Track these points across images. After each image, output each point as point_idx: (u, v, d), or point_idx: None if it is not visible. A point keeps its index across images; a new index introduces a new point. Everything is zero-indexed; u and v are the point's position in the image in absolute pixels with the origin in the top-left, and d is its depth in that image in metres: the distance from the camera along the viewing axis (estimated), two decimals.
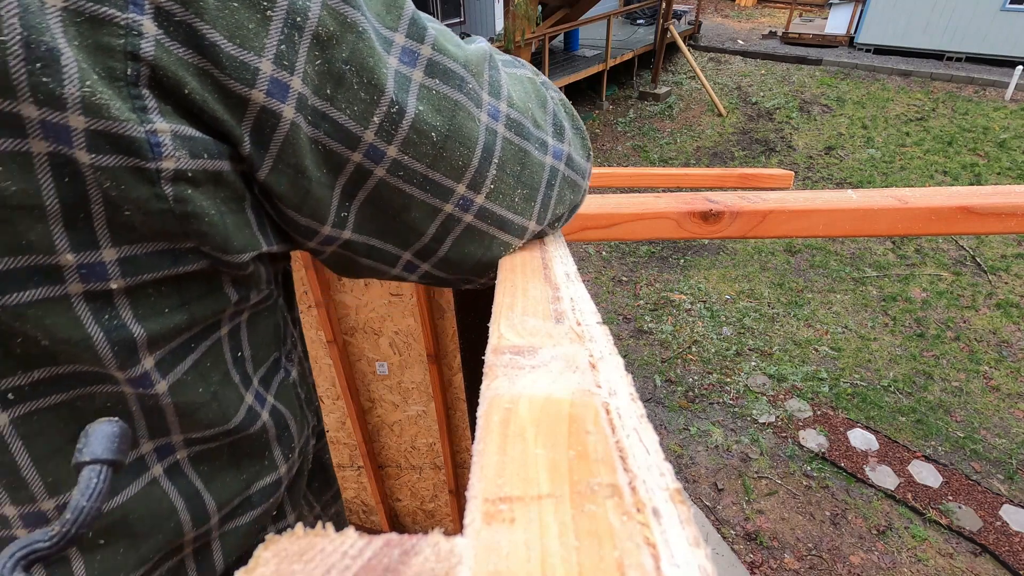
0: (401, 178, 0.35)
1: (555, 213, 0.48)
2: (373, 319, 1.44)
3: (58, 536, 0.21)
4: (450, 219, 0.39)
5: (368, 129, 0.33)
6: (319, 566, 0.16)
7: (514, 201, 0.42)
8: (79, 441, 0.23)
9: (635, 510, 0.17)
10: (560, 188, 0.47)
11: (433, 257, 0.42)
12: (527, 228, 0.45)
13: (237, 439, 0.39)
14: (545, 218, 0.47)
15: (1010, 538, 3.14)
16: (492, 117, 0.39)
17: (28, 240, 0.25)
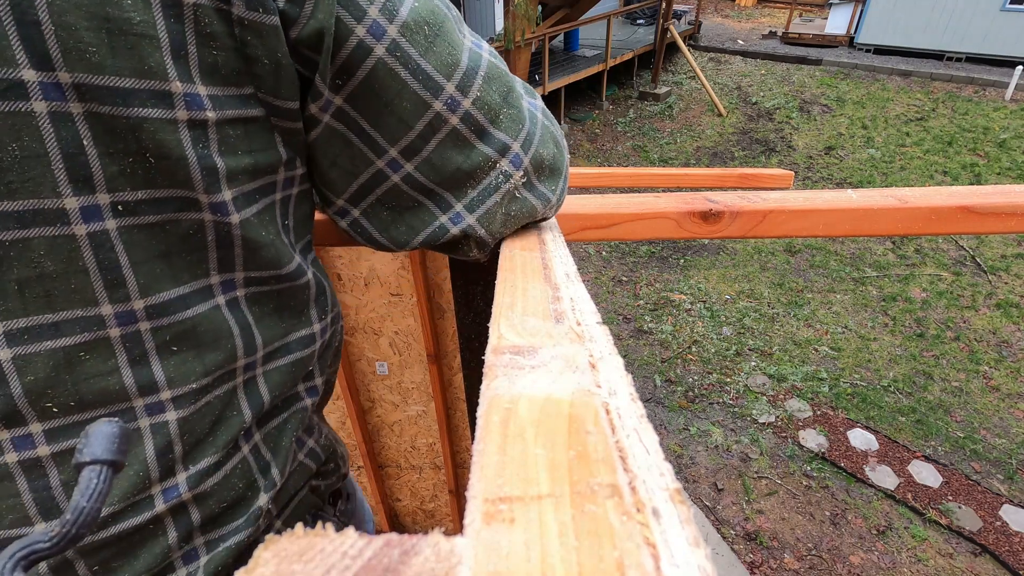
0: (398, 60, 0.39)
1: (539, 152, 0.48)
2: (373, 319, 1.44)
3: (58, 536, 0.21)
4: (437, 117, 0.42)
5: (373, 5, 0.38)
6: (319, 566, 0.16)
7: (499, 117, 0.44)
8: (79, 441, 0.23)
9: (635, 510, 0.17)
10: (543, 130, 0.49)
11: (417, 157, 0.43)
12: (509, 147, 0.45)
13: (285, 288, 0.45)
14: (530, 148, 0.47)
15: (1010, 538, 3.14)
16: (476, 45, 0.44)
17: (149, 66, 0.31)
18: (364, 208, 0.47)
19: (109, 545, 0.39)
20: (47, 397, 0.35)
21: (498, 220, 0.48)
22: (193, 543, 0.43)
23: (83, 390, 0.35)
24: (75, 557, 0.38)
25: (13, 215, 0.31)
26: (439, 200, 0.46)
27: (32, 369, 0.34)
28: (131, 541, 0.39)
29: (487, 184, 0.46)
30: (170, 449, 0.39)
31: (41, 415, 0.35)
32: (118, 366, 0.36)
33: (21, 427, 0.35)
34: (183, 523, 0.41)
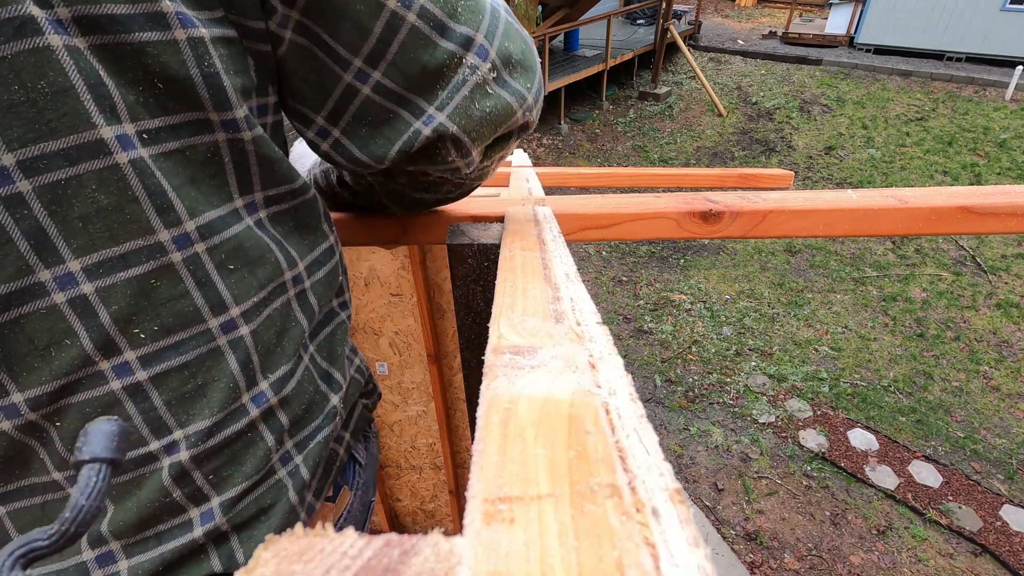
0: None
1: (505, 46, 0.46)
2: (373, 319, 1.44)
3: (57, 534, 0.21)
4: (394, 16, 0.41)
5: None
6: (319, 566, 0.16)
7: (457, 9, 0.43)
8: (79, 440, 0.23)
9: (635, 510, 0.17)
10: (507, 24, 0.47)
11: (382, 62, 0.43)
12: (473, 40, 0.44)
13: (300, 204, 0.48)
14: (494, 39, 0.46)
15: (1010, 538, 3.14)
16: None
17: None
18: (343, 127, 0.47)
19: (217, 453, 0.43)
20: (133, 324, 0.37)
21: (472, 118, 0.46)
22: (285, 446, 0.47)
23: (163, 314, 0.38)
24: (191, 467, 0.41)
25: (61, 154, 0.32)
26: (412, 107, 0.46)
27: (114, 299, 0.36)
28: (234, 449, 0.43)
29: (456, 81, 0.45)
30: (249, 360, 0.43)
31: (132, 342, 0.38)
32: (187, 289, 0.39)
33: (117, 356, 0.37)
34: (275, 427, 0.46)
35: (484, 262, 0.68)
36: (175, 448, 0.40)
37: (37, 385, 0.36)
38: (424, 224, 0.73)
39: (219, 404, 0.42)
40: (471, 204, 0.75)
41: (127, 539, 0.41)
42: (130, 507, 0.40)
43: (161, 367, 0.39)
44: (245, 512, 0.45)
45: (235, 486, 0.44)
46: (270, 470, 0.46)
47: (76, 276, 0.35)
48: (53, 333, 0.35)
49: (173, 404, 0.40)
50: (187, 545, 0.42)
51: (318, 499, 0.52)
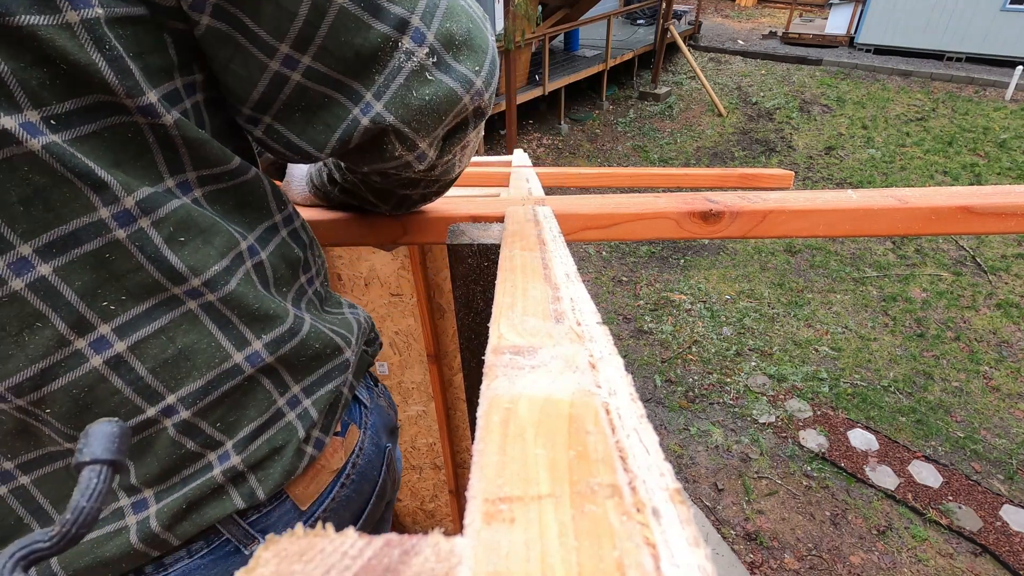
0: None
1: (446, 27, 0.43)
2: (373, 319, 1.44)
3: (58, 536, 0.21)
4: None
5: None
6: (319, 566, 0.16)
7: None
8: (79, 441, 0.23)
9: (635, 510, 0.17)
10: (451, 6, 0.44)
11: (312, 47, 0.40)
12: (408, 22, 0.41)
13: (237, 184, 0.46)
14: (432, 21, 0.42)
15: (1010, 538, 3.14)
16: None
17: None
18: (275, 114, 0.45)
19: (218, 405, 0.44)
20: (100, 297, 0.37)
21: (411, 107, 0.43)
22: (292, 390, 0.49)
23: (127, 284, 0.38)
24: (195, 420, 0.43)
25: None
26: (348, 92, 0.43)
27: (75, 276, 0.36)
28: (235, 398, 0.45)
29: (391, 67, 0.42)
30: (230, 322, 0.43)
31: (103, 315, 0.38)
32: (140, 263, 0.38)
33: (92, 331, 0.38)
34: (276, 379, 0.47)
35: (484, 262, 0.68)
36: (173, 411, 0.42)
37: (15, 372, 0.36)
38: (424, 224, 0.73)
39: (206, 364, 0.42)
40: (471, 204, 0.75)
41: (158, 486, 0.44)
42: (150, 462, 0.43)
43: (137, 335, 0.39)
44: (258, 452, 0.47)
45: (243, 428, 0.46)
46: (277, 413, 0.48)
47: (30, 260, 0.35)
48: (23, 318, 0.35)
49: (158, 371, 0.40)
50: (208, 484, 0.44)
51: (326, 434, 0.54)
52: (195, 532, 0.45)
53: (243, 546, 0.48)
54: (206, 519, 0.45)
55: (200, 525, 0.45)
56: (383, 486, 0.64)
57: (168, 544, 0.44)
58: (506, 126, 7.91)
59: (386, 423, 0.68)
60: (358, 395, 0.63)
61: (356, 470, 0.59)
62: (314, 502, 0.53)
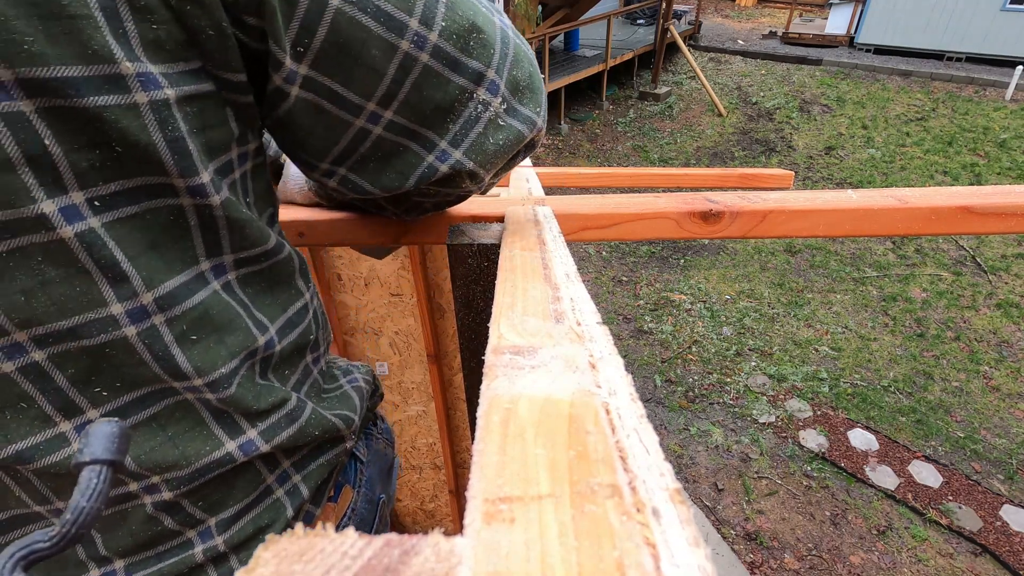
0: (355, 6, 0.38)
1: (513, 75, 0.46)
2: (373, 319, 1.44)
3: (58, 536, 0.21)
4: (407, 58, 0.40)
5: None
6: (319, 566, 0.16)
7: (469, 44, 0.43)
8: (79, 441, 0.23)
9: (635, 510, 0.17)
10: (515, 49, 0.46)
11: (394, 102, 0.42)
12: (484, 75, 0.44)
13: (271, 264, 0.46)
14: (504, 71, 0.45)
15: (1010, 538, 3.14)
16: None
17: (93, 49, 0.29)
18: (350, 165, 0.46)
19: (202, 488, 0.42)
20: (93, 384, 0.36)
21: (487, 151, 0.46)
22: (282, 466, 0.48)
23: (123, 375, 0.37)
24: (176, 500, 0.41)
25: (0, 226, 0.30)
26: (423, 140, 0.45)
27: (69, 365, 0.35)
28: (224, 478, 0.43)
29: (467, 116, 0.44)
30: (226, 414, 0.42)
31: (94, 401, 0.37)
32: (144, 360, 0.37)
33: (79, 415, 0.37)
34: (269, 461, 0.46)
35: (484, 262, 0.68)
36: (156, 490, 0.40)
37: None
38: (424, 224, 0.73)
39: (195, 454, 0.41)
40: (471, 204, 0.75)
41: (130, 559, 0.42)
42: (122, 535, 0.41)
43: (127, 423, 0.38)
44: (242, 533, 0.45)
45: (228, 508, 0.44)
46: (266, 490, 0.47)
47: (25, 346, 0.33)
48: (8, 399, 0.34)
49: (143, 458, 0.39)
50: (186, 562, 0.43)
51: (317, 506, 0.52)
52: None
53: None
54: None
55: None
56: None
57: None
58: None
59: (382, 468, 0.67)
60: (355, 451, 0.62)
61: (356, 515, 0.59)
62: None
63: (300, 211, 0.74)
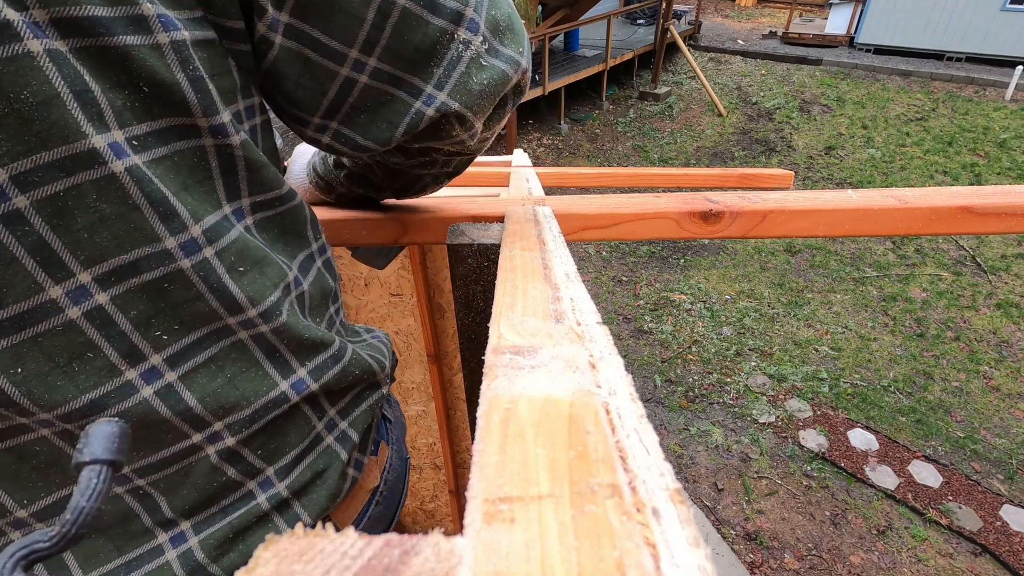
0: None
1: (492, 14, 0.46)
2: (373, 319, 1.44)
3: (58, 536, 0.21)
4: (385, 2, 0.41)
5: None
6: (319, 566, 0.16)
7: None
8: (79, 441, 0.23)
9: (635, 510, 0.17)
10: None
11: (377, 48, 0.43)
12: (463, 14, 0.44)
13: (287, 210, 0.47)
14: (482, 10, 0.45)
15: (1010, 538, 3.14)
16: None
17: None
18: (341, 118, 0.47)
19: (261, 433, 0.44)
20: (154, 327, 0.37)
21: (472, 92, 0.46)
22: (328, 414, 0.49)
23: (181, 314, 0.38)
24: (239, 447, 0.43)
25: (55, 165, 0.31)
26: (409, 87, 0.45)
27: (131, 306, 0.36)
28: (277, 424, 0.45)
29: (450, 57, 0.45)
30: (277, 351, 0.44)
31: (156, 345, 0.38)
32: (200, 293, 0.38)
33: (143, 362, 0.37)
34: (317, 406, 0.48)
35: (484, 262, 0.68)
36: (219, 437, 0.42)
37: (64, 403, 0.35)
38: (424, 224, 0.73)
39: (253, 393, 0.42)
40: (471, 204, 0.75)
41: (195, 518, 0.43)
42: (187, 492, 0.42)
43: (188, 365, 0.39)
44: (301, 478, 0.47)
45: (285, 455, 0.46)
46: (317, 438, 0.48)
47: (89, 288, 0.34)
48: (73, 349, 0.34)
49: (207, 400, 0.40)
50: (253, 512, 0.44)
51: (364, 454, 0.55)
52: (241, 563, 0.43)
53: None
54: (251, 548, 0.44)
55: (246, 555, 0.44)
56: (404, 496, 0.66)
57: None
58: (506, 126, 7.91)
59: (402, 433, 0.70)
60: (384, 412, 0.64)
61: (388, 486, 0.61)
62: (352, 523, 0.54)
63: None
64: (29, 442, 0.37)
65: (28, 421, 0.36)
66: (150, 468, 0.40)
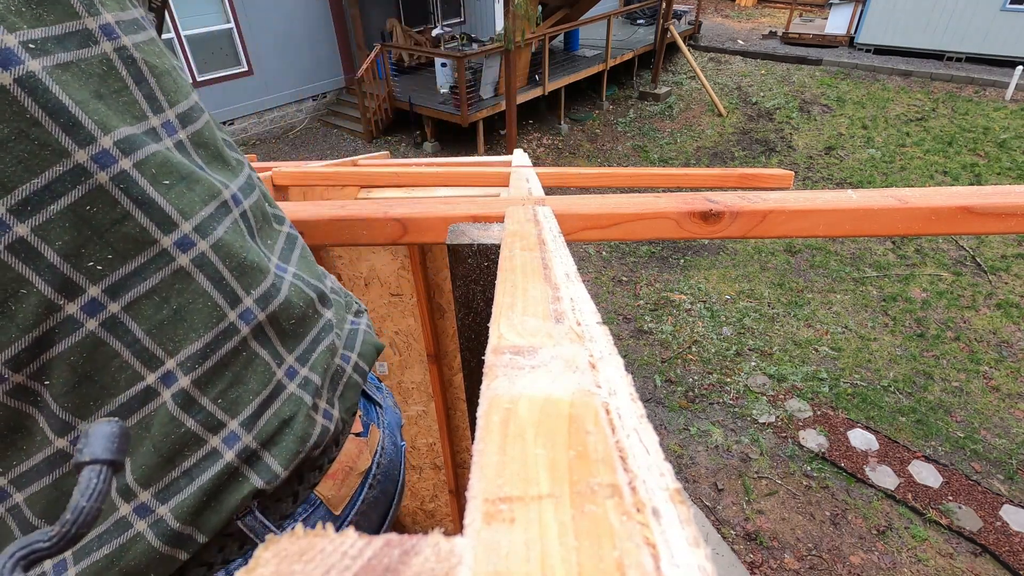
0: None
1: None
2: (373, 319, 1.44)
3: (58, 536, 0.21)
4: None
5: None
6: (319, 566, 0.16)
7: None
8: (79, 441, 0.23)
9: (635, 510, 0.17)
10: None
11: None
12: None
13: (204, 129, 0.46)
14: None
15: (1010, 538, 3.14)
16: None
17: None
18: None
19: (217, 375, 0.42)
20: (85, 256, 0.35)
21: None
22: (287, 361, 0.47)
23: (112, 240, 0.36)
24: (196, 393, 0.41)
25: None
26: None
27: (54, 235, 0.34)
28: (234, 369, 0.43)
29: None
30: (221, 277, 0.42)
31: (91, 276, 0.36)
32: (127, 211, 0.37)
33: (81, 294, 0.36)
34: (268, 345, 0.46)
35: (484, 262, 0.68)
36: (172, 377, 0.40)
37: (8, 344, 0.34)
38: (424, 224, 0.73)
39: (203, 324, 0.41)
40: (471, 204, 0.75)
41: (155, 485, 0.41)
42: (146, 451, 0.40)
43: (129, 295, 0.38)
44: (268, 428, 0.45)
45: (247, 405, 0.44)
46: (279, 386, 0.47)
47: (5, 220, 0.32)
48: (5, 285, 0.33)
49: (155, 332, 0.39)
50: (223, 471, 0.43)
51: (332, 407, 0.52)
52: (219, 523, 0.43)
53: None
54: (227, 506, 0.43)
55: (223, 513, 0.43)
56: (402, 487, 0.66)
57: (195, 541, 0.42)
58: (506, 126, 7.91)
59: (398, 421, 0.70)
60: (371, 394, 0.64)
61: (381, 470, 0.59)
62: (346, 506, 0.54)
63: (301, 211, 0.74)
64: None
65: None
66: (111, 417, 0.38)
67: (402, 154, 8.36)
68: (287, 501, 0.50)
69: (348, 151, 8.46)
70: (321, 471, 0.51)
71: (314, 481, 0.52)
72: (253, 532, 0.47)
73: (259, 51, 8.62)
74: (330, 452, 0.54)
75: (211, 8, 8.02)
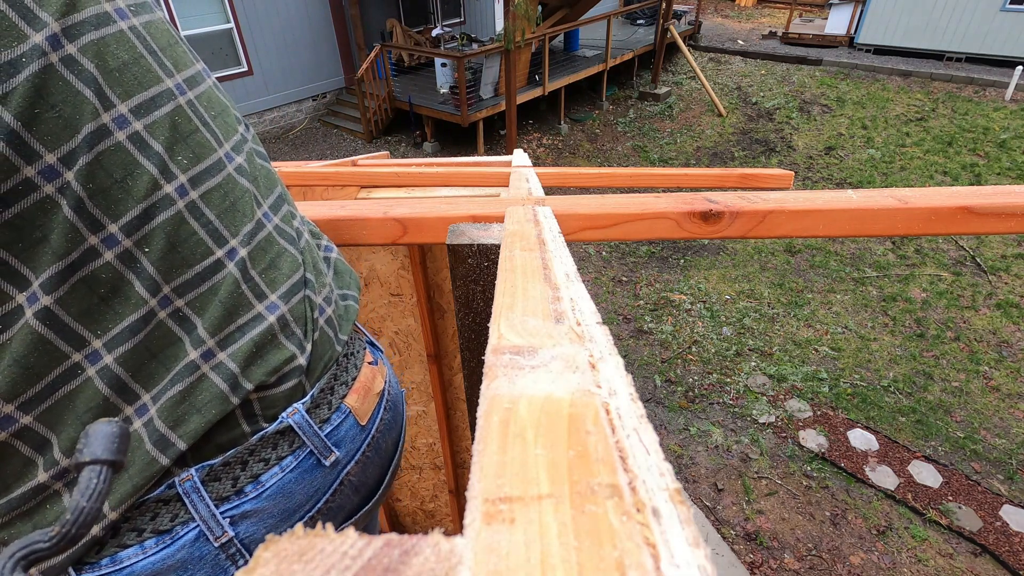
0: None
1: None
2: (373, 319, 1.44)
3: (58, 536, 0.21)
4: None
5: None
6: (319, 566, 0.16)
7: None
8: (79, 441, 0.23)
9: (635, 510, 0.17)
10: None
11: None
12: None
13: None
14: None
15: (1010, 538, 3.14)
16: None
17: None
18: None
19: (261, 254, 0.53)
20: (176, 152, 0.47)
21: None
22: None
23: (192, 146, 0.48)
24: (249, 266, 0.51)
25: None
26: None
27: (158, 133, 0.46)
28: (273, 254, 0.54)
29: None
30: (257, 181, 0.55)
31: (180, 167, 0.47)
32: (198, 127, 0.50)
33: (174, 179, 0.47)
34: (292, 242, 0.57)
35: (484, 262, 0.68)
36: (235, 253, 0.50)
37: (125, 212, 0.43)
38: (424, 224, 0.73)
39: (248, 215, 0.52)
40: (471, 204, 0.75)
41: (218, 335, 0.50)
42: (216, 308, 0.50)
43: (205, 186, 0.48)
44: (299, 308, 0.56)
45: (282, 284, 0.54)
46: (303, 277, 0.58)
47: (126, 116, 0.43)
48: (125, 166, 0.43)
49: (222, 217, 0.50)
50: (266, 331, 0.52)
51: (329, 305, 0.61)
52: (263, 377, 0.51)
53: (323, 458, 0.56)
54: (271, 363, 0.52)
55: (267, 367, 0.52)
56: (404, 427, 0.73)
57: (244, 389, 0.50)
58: (506, 126, 7.91)
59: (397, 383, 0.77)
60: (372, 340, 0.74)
61: (391, 397, 0.69)
62: (369, 419, 0.63)
63: (301, 211, 0.74)
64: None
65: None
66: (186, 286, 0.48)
67: (402, 154, 8.36)
68: (324, 407, 0.58)
69: (348, 151, 8.46)
70: (347, 386, 0.60)
71: (343, 393, 0.61)
72: (300, 430, 0.55)
73: (259, 51, 8.62)
74: (351, 371, 0.63)
75: (211, 8, 8.02)
